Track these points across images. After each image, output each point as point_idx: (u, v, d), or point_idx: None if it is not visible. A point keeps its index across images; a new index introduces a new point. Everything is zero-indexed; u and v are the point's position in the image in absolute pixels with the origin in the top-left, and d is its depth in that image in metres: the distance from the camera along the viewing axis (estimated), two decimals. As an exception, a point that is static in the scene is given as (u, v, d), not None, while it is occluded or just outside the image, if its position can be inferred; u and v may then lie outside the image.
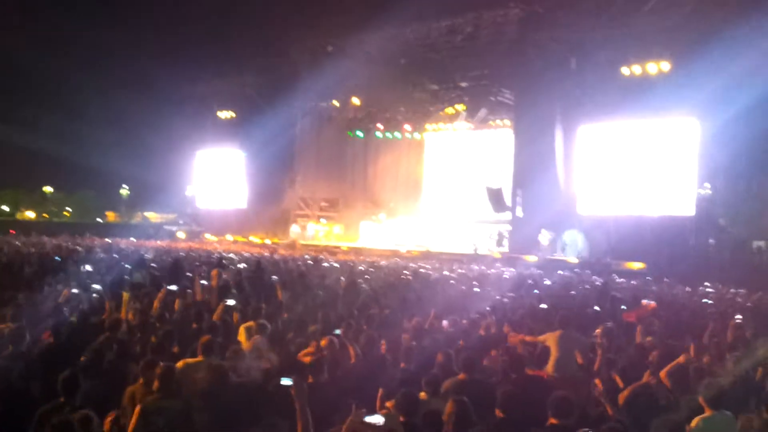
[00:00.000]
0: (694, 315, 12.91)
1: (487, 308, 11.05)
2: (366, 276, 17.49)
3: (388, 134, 45.50)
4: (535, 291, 15.98)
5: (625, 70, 28.54)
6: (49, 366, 6.21)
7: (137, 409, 5.49)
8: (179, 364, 6.64)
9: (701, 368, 7.00)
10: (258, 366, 6.67)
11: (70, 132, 64.80)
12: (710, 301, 15.79)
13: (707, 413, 5.62)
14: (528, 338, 8.74)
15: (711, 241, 28.03)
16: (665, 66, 27.60)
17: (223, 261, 19.46)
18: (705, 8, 25.75)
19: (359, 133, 45.81)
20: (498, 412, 5.76)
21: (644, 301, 12.58)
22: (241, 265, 18.99)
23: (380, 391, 6.10)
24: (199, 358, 6.82)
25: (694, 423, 5.56)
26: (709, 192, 28.26)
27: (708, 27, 25.59)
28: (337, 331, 7.66)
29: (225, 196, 45.53)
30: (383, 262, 24.71)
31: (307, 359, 6.95)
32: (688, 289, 19.92)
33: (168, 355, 7.01)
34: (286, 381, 5.25)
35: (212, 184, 47.18)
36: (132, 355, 7.12)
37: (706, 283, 20.77)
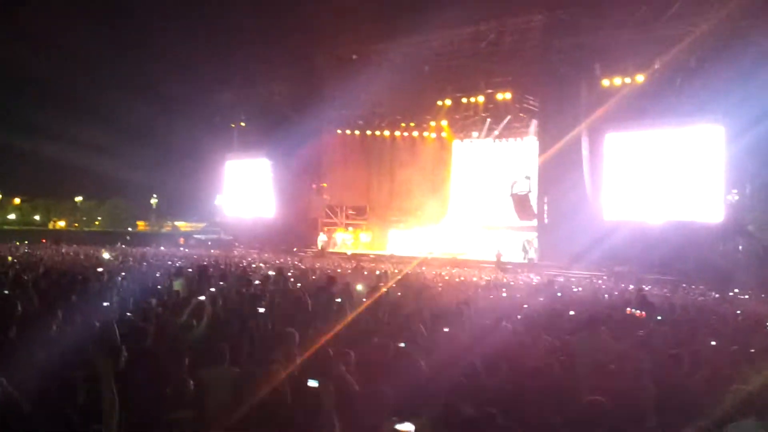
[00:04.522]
0: (724, 321, 12.82)
1: (518, 316, 11.07)
2: (393, 285, 17.53)
3: (413, 142, 45.58)
4: (560, 296, 15.97)
5: (649, 76, 28.47)
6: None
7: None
8: (205, 372, 6.74)
9: (731, 375, 6.98)
10: None
11: (100, 143, 65.66)
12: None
13: (736, 421, 5.60)
14: (555, 342, 8.72)
15: (740, 247, 27.79)
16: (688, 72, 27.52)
17: (252, 269, 19.62)
18: (730, 14, 25.60)
19: (385, 141, 45.94)
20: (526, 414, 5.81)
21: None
22: (270, 273, 19.11)
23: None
24: (224, 367, 6.90)
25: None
26: (737, 198, 28.06)
27: (733, 33, 25.47)
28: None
29: (253, 205, 45.81)
30: (410, 270, 24.75)
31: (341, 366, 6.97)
32: (716, 295, 19.79)
33: (190, 365, 7.07)
34: (312, 383, 5.31)
35: (240, 193, 47.51)
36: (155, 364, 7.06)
37: (736, 290, 20.63)
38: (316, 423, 5.17)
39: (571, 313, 11.95)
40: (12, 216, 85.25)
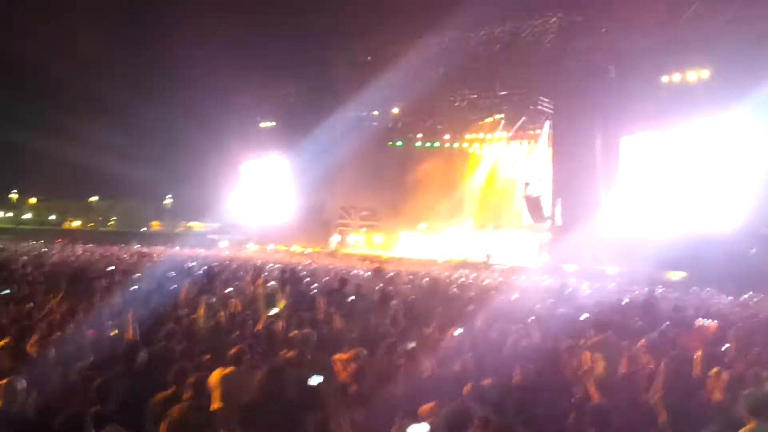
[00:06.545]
0: (737, 324, 12.73)
1: (531, 318, 11.01)
2: (407, 285, 17.56)
3: (427, 143, 45.57)
4: (571, 299, 15.90)
5: (665, 79, 28.33)
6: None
7: (163, 425, 5.47)
8: (221, 372, 6.74)
9: (747, 378, 6.94)
10: None
11: (115, 143, 65.83)
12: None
13: (751, 425, 5.54)
14: (566, 344, 8.68)
15: (753, 250, 27.59)
16: (705, 74, 27.36)
17: (266, 270, 19.63)
18: (744, 16, 25.49)
19: (399, 143, 45.96)
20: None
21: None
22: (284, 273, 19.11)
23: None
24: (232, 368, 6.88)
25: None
26: (751, 201, 27.88)
27: (747, 35, 25.34)
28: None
29: (267, 206, 45.89)
30: (422, 272, 24.72)
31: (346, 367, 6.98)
32: (730, 298, 19.67)
33: (207, 364, 7.05)
34: (315, 379, 5.27)
35: (255, 194, 47.62)
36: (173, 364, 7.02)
37: (750, 293, 20.49)
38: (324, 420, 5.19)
39: (585, 315, 11.90)
40: (28, 215, 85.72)
